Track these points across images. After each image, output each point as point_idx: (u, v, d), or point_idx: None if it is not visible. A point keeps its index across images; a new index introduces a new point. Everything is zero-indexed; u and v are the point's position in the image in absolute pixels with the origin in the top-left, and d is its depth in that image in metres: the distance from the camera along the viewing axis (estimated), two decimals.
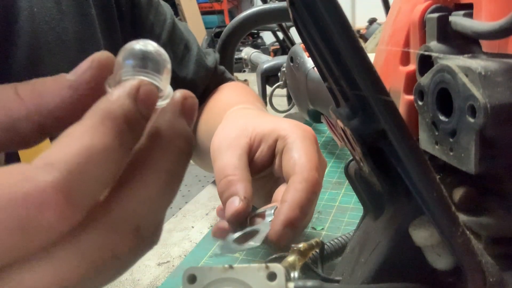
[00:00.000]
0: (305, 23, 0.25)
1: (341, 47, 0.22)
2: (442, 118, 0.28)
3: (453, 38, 0.30)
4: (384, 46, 0.36)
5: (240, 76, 1.61)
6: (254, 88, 1.02)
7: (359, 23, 2.69)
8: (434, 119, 0.29)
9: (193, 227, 0.58)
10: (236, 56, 1.22)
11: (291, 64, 0.73)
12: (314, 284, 0.25)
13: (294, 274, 0.28)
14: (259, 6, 1.14)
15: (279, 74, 0.86)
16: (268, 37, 3.58)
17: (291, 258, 0.32)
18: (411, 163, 0.23)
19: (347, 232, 0.45)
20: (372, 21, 1.51)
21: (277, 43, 2.85)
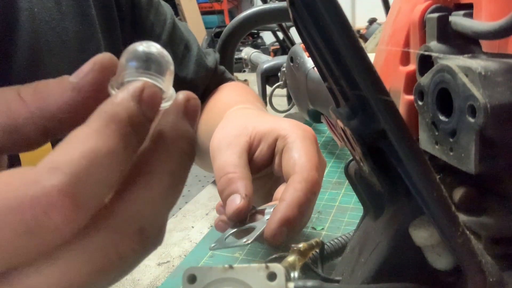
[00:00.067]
0: (305, 23, 0.25)
1: (341, 47, 0.22)
2: (442, 118, 0.28)
3: (453, 38, 0.30)
4: (384, 46, 0.36)
5: (240, 76, 1.61)
6: (254, 88, 1.02)
7: (359, 23, 2.69)
8: (434, 119, 0.29)
9: (193, 227, 0.58)
10: (236, 56, 1.22)
11: (291, 64, 0.73)
12: (314, 284, 0.25)
13: (294, 274, 0.28)
14: (259, 6, 1.15)
15: (279, 74, 0.86)
16: (268, 37, 3.58)
17: (291, 258, 0.32)
18: (411, 163, 0.23)
19: (347, 232, 0.45)
20: (372, 21, 1.51)
21: (277, 43, 2.85)
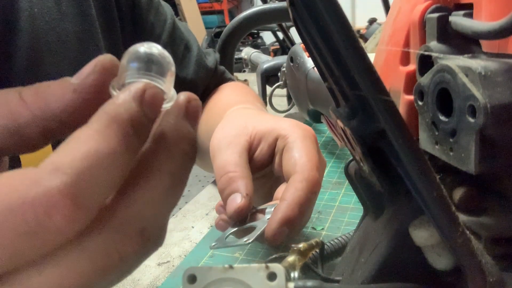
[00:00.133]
0: (305, 23, 0.25)
1: (341, 47, 0.22)
2: (442, 118, 0.28)
3: (453, 38, 0.30)
4: (384, 46, 0.36)
5: (240, 76, 1.61)
6: (254, 88, 1.02)
7: (359, 23, 2.69)
8: (434, 119, 0.29)
9: (193, 227, 0.58)
10: (236, 56, 1.22)
11: (291, 64, 0.73)
12: (314, 284, 0.25)
13: (294, 274, 0.28)
14: (259, 6, 1.15)
15: (279, 74, 0.86)
16: (268, 37, 3.58)
17: (291, 258, 0.32)
18: (411, 163, 0.23)
19: (347, 232, 0.45)
20: (372, 21, 1.51)
21: (277, 43, 2.85)
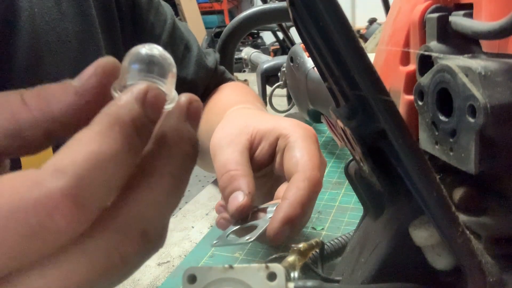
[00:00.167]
0: (305, 23, 0.25)
1: (341, 47, 0.22)
2: (442, 118, 0.28)
3: (453, 38, 0.30)
4: (384, 46, 0.36)
5: (240, 76, 1.61)
6: (254, 88, 1.02)
7: (359, 23, 2.69)
8: (434, 119, 0.29)
9: (193, 227, 0.58)
10: (236, 56, 1.22)
11: (291, 64, 0.73)
12: (314, 284, 0.25)
13: (294, 274, 0.28)
14: (259, 6, 1.15)
15: (279, 74, 0.86)
16: (268, 37, 3.58)
17: (291, 258, 0.32)
18: (411, 163, 0.23)
19: (347, 232, 0.45)
20: (372, 21, 1.51)
21: (277, 43, 2.85)
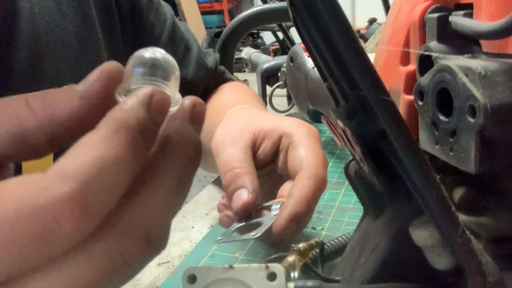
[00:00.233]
0: (305, 23, 0.25)
1: (341, 47, 0.22)
2: (442, 118, 0.28)
3: (453, 38, 0.30)
4: (384, 46, 0.36)
5: (240, 76, 1.61)
6: (254, 88, 1.02)
7: (359, 23, 2.69)
8: (434, 119, 0.29)
9: (193, 227, 0.58)
10: (236, 56, 1.22)
11: (291, 64, 0.73)
12: (314, 284, 0.25)
13: (294, 274, 0.28)
14: (259, 6, 1.15)
15: (279, 74, 0.86)
16: (268, 37, 3.58)
17: (291, 258, 0.32)
18: (411, 163, 0.23)
19: (347, 232, 0.45)
20: (372, 21, 1.51)
21: (277, 43, 2.85)
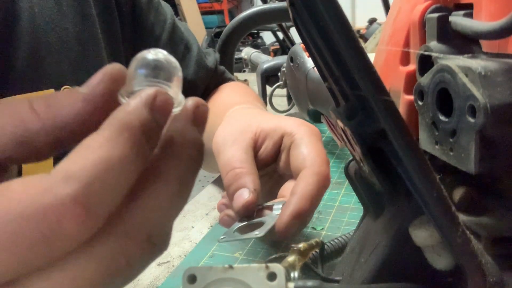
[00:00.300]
0: (305, 23, 0.25)
1: (341, 47, 0.22)
2: (442, 118, 0.28)
3: (453, 38, 0.30)
4: (384, 46, 0.36)
5: (240, 76, 1.61)
6: (254, 88, 1.02)
7: (359, 23, 2.69)
8: (434, 119, 0.29)
9: (193, 227, 0.58)
10: (236, 56, 1.22)
11: (291, 64, 0.73)
12: (314, 284, 0.25)
13: (294, 274, 0.28)
14: (259, 6, 1.15)
15: (279, 74, 0.86)
16: (268, 37, 3.58)
17: (291, 258, 0.32)
18: (411, 163, 0.23)
19: (347, 232, 0.45)
20: (372, 21, 1.51)
21: (277, 43, 2.85)
